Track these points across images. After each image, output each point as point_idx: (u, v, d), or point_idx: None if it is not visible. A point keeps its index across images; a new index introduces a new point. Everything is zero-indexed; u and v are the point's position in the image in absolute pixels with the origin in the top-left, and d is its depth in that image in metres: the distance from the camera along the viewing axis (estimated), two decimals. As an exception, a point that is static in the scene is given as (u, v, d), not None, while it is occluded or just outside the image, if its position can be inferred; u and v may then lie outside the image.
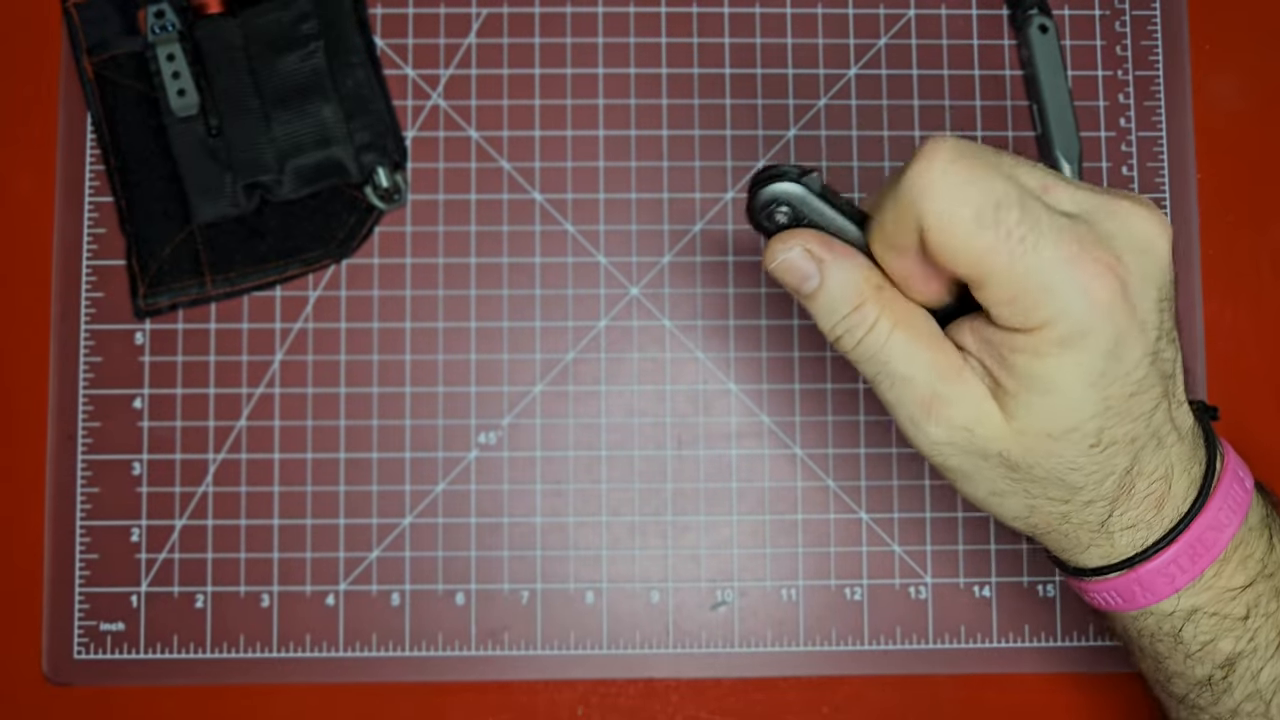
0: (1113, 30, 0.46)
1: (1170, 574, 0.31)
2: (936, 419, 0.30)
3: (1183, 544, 0.31)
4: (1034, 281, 0.27)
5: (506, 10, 0.45)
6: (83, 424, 0.43)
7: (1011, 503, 0.31)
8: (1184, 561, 0.31)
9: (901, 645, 0.43)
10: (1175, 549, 0.31)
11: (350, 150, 0.43)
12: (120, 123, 0.44)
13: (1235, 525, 0.31)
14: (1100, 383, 0.28)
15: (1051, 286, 0.27)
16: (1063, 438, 0.29)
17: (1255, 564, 0.31)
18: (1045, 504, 0.31)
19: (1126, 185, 0.45)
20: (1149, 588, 0.31)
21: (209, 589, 0.43)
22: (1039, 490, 0.30)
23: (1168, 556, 0.31)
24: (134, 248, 0.44)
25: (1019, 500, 0.31)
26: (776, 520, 0.43)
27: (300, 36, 0.43)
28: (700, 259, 0.44)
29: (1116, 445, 0.30)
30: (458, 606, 0.43)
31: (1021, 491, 0.31)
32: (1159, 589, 0.31)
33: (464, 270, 0.44)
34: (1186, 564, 0.31)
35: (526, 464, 0.44)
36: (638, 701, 0.43)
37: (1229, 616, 0.31)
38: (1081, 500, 0.30)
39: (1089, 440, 0.29)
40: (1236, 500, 0.31)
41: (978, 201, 0.27)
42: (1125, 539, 0.31)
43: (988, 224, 0.27)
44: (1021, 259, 0.27)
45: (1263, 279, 0.45)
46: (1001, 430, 0.30)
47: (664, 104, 0.45)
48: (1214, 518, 0.31)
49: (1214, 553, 0.31)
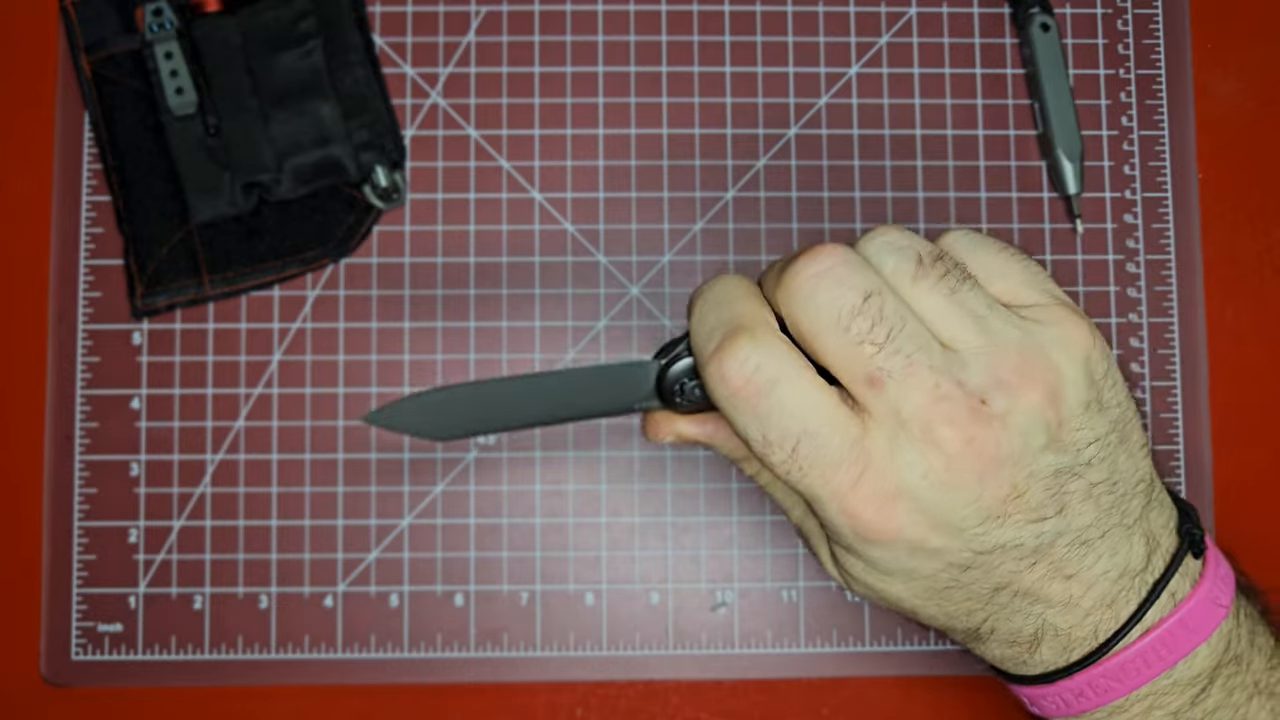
0: (1115, 29, 0.46)
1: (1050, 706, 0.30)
2: (816, 554, 0.32)
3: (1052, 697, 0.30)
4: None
5: (506, 8, 0.45)
6: (80, 424, 0.43)
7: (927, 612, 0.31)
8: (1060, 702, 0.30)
9: (902, 647, 0.43)
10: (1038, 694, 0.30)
11: (349, 149, 0.43)
12: (118, 121, 0.44)
13: (1124, 690, 0.29)
14: (891, 579, 0.28)
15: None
16: (881, 602, 0.30)
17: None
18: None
19: (1128, 184, 0.45)
20: (1036, 702, 0.31)
21: (207, 590, 0.43)
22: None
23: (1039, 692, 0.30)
24: (131, 247, 0.43)
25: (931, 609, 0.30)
26: (777, 521, 0.43)
27: (298, 35, 0.43)
28: (700, 258, 0.44)
29: (946, 612, 0.29)
30: (457, 607, 0.43)
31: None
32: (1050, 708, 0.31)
33: (463, 270, 0.44)
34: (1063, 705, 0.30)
35: (526, 464, 0.43)
36: (637, 703, 0.43)
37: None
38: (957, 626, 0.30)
39: (906, 609, 0.30)
40: (1145, 663, 0.28)
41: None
42: (1004, 656, 0.30)
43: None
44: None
45: (1264, 278, 0.45)
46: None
47: (664, 102, 0.45)
48: (1101, 682, 0.29)
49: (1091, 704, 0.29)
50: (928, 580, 0.28)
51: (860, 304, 0.26)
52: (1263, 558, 0.34)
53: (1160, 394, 0.44)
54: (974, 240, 0.29)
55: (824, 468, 0.26)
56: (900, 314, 0.26)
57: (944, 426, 0.26)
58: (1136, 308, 0.44)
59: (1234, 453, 0.44)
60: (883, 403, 0.26)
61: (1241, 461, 0.44)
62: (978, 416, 0.26)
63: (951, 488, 0.26)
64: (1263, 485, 0.44)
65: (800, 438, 0.26)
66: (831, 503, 0.27)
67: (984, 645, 0.30)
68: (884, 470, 0.26)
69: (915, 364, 0.26)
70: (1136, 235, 0.45)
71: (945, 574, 0.28)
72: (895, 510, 0.26)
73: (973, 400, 0.26)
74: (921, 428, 0.26)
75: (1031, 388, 0.26)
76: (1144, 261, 0.45)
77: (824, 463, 0.26)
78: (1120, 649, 0.28)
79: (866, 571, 0.29)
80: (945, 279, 0.27)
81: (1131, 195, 0.45)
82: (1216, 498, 0.44)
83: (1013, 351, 0.26)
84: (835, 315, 0.26)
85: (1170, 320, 0.44)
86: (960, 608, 0.29)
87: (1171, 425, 0.44)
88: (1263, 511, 0.44)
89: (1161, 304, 0.44)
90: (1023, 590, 0.28)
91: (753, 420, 0.27)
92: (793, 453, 0.26)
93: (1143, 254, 0.45)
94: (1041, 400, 0.26)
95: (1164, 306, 0.44)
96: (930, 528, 0.27)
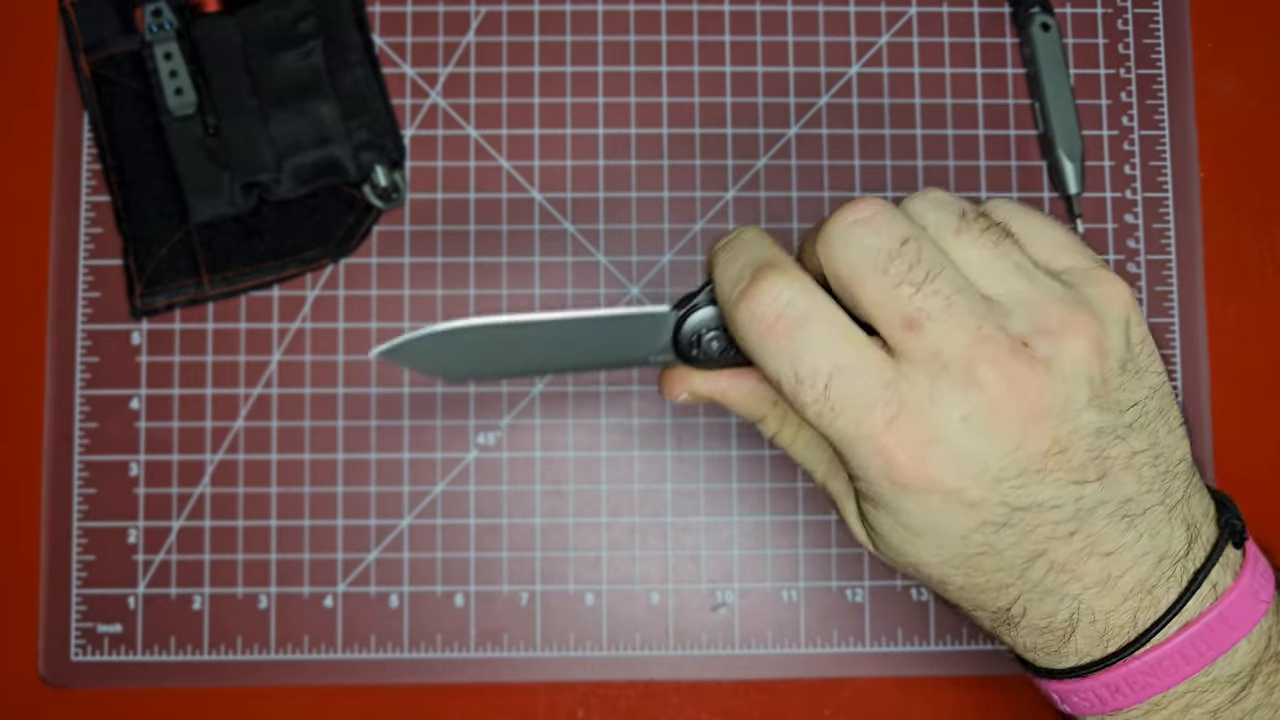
0: (1115, 28, 0.45)
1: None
2: (842, 515, 0.31)
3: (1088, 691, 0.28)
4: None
5: (505, 8, 0.45)
6: (79, 425, 0.43)
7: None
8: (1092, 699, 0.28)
9: (903, 647, 0.43)
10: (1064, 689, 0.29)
11: (348, 149, 0.43)
12: (117, 122, 0.44)
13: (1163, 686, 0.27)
14: (921, 539, 0.27)
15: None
16: (909, 568, 0.28)
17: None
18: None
19: (1129, 184, 0.45)
20: (1067, 699, 0.29)
21: (207, 590, 0.43)
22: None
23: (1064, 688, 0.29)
24: (131, 247, 0.43)
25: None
26: (777, 521, 0.43)
27: (298, 35, 0.43)
28: (700, 258, 0.44)
29: (975, 584, 0.28)
30: (457, 608, 0.43)
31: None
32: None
33: (463, 270, 0.44)
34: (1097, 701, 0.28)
35: (526, 465, 0.43)
36: (637, 703, 0.43)
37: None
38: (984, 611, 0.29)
39: (934, 577, 0.28)
40: (1172, 668, 0.27)
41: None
42: (1029, 641, 0.29)
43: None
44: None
45: (1266, 277, 0.45)
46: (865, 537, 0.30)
47: (664, 102, 0.45)
48: (1134, 677, 0.27)
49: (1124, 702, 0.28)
50: (959, 543, 0.27)
51: (898, 248, 0.26)
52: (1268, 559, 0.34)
53: (1161, 394, 0.44)
54: (1014, 206, 0.29)
55: (858, 407, 0.26)
56: (939, 259, 0.26)
57: (986, 366, 0.25)
58: (1137, 307, 0.44)
59: (1235, 452, 0.44)
60: (922, 345, 0.26)
61: (1242, 461, 0.44)
62: (1020, 357, 0.25)
63: (992, 433, 0.25)
64: (1264, 485, 0.44)
65: (833, 374, 0.26)
66: (864, 444, 0.26)
67: (1014, 631, 0.29)
68: (921, 413, 0.25)
69: (955, 305, 0.25)
70: (1137, 235, 0.45)
71: (978, 535, 0.26)
72: (932, 455, 0.25)
73: (1015, 342, 0.25)
74: (963, 368, 0.25)
75: (1076, 336, 0.26)
76: (1145, 261, 0.45)
77: (858, 401, 0.26)
78: (1159, 641, 0.27)
79: (895, 529, 0.27)
80: (988, 232, 0.27)
81: (1132, 195, 0.45)
82: (1217, 498, 0.44)
83: (1057, 302, 0.26)
84: (873, 258, 0.26)
85: (1171, 320, 0.44)
86: (992, 580, 0.27)
87: (1172, 425, 0.44)
88: (1263, 511, 0.44)
89: (1162, 304, 0.44)
90: (1058, 563, 0.27)
91: (785, 358, 0.26)
92: (825, 390, 0.26)
93: (1143, 254, 0.45)
94: (1087, 350, 0.26)
95: (1165, 306, 0.44)
96: (968, 476, 0.26)
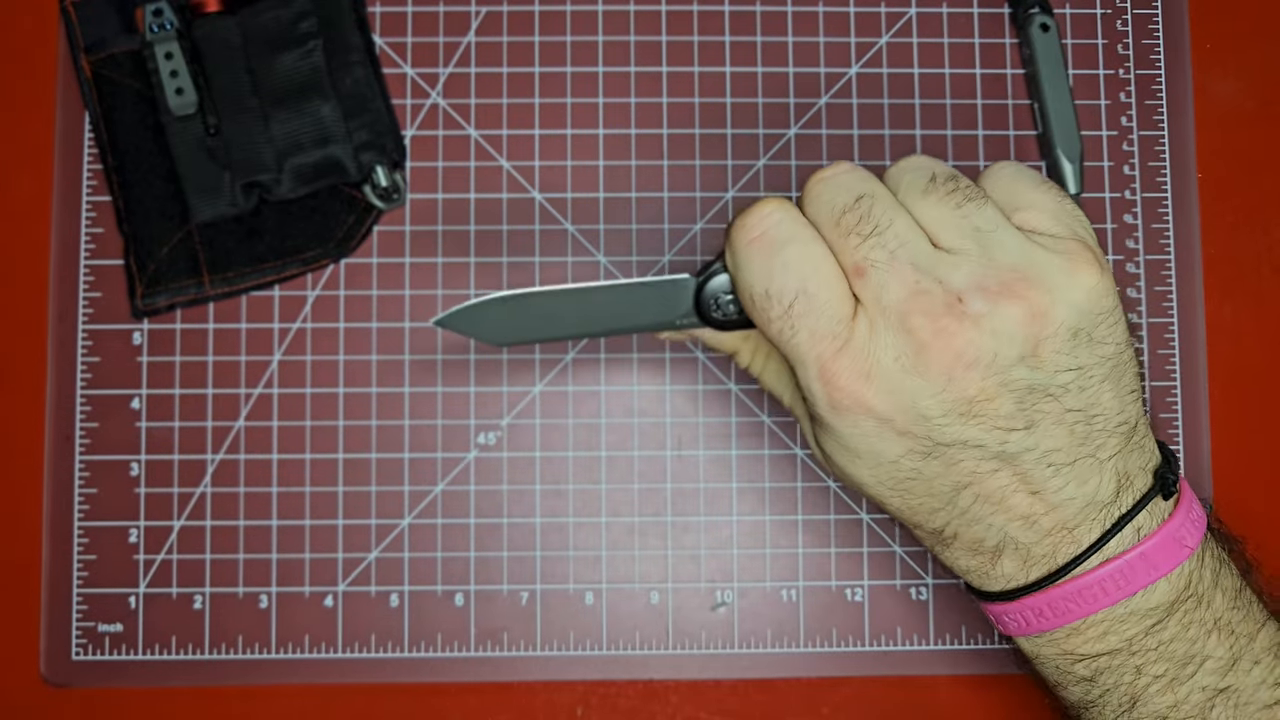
0: (1114, 29, 0.46)
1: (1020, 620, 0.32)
2: (805, 434, 0.34)
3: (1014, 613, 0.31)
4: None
5: (506, 8, 0.45)
6: (80, 424, 0.43)
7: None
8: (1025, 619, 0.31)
9: (902, 646, 0.43)
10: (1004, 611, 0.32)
11: (349, 149, 0.43)
12: (118, 122, 0.44)
13: (1097, 607, 0.30)
14: (859, 460, 0.30)
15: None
16: (854, 487, 0.31)
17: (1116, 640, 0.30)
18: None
19: (1128, 184, 0.45)
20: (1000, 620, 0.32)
21: (207, 590, 0.43)
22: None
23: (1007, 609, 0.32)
24: (132, 247, 0.43)
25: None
26: (777, 521, 0.43)
27: (299, 35, 0.43)
28: (700, 258, 0.44)
29: (910, 506, 0.31)
30: (457, 607, 0.43)
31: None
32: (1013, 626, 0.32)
33: (463, 270, 0.44)
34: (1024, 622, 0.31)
35: (526, 464, 0.43)
36: (637, 702, 0.43)
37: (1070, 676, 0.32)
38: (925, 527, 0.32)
39: (874, 496, 0.31)
40: (1102, 592, 0.30)
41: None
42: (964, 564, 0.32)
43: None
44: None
45: (1264, 277, 0.45)
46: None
47: (664, 102, 0.45)
48: (1060, 602, 0.30)
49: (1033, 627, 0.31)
50: (891, 467, 0.29)
51: (852, 203, 0.29)
52: (1262, 556, 0.34)
53: (1160, 394, 0.44)
54: (1017, 170, 0.31)
55: (813, 330, 0.29)
56: (890, 216, 0.29)
57: (918, 316, 0.28)
58: (1136, 308, 0.44)
59: (1233, 452, 0.44)
60: (867, 290, 0.28)
61: (1241, 461, 0.44)
62: (951, 311, 0.28)
63: (920, 374, 0.28)
64: (1262, 484, 0.44)
65: (798, 295, 0.29)
66: (813, 366, 0.29)
67: (949, 552, 0.31)
68: (863, 349, 0.28)
69: (898, 259, 0.28)
70: (1136, 235, 0.45)
71: (907, 461, 0.29)
72: (868, 386, 0.28)
73: (950, 298, 0.28)
74: (898, 316, 0.28)
75: (1012, 300, 0.28)
76: (1143, 261, 0.45)
77: (814, 325, 0.29)
78: (1079, 574, 0.30)
79: (838, 450, 0.30)
80: (953, 195, 0.29)
81: (1131, 195, 0.45)
82: (1216, 497, 0.44)
83: (1004, 266, 0.28)
84: (829, 211, 0.29)
85: (1170, 320, 0.44)
86: (923, 504, 0.30)
87: (1171, 425, 0.44)
88: (1262, 510, 0.44)
89: (1161, 304, 0.44)
90: (984, 495, 0.29)
91: (760, 273, 0.29)
92: (788, 309, 0.29)
93: (1142, 254, 0.45)
94: (1021, 314, 0.28)
95: (1163, 306, 0.44)
96: (896, 408, 0.28)
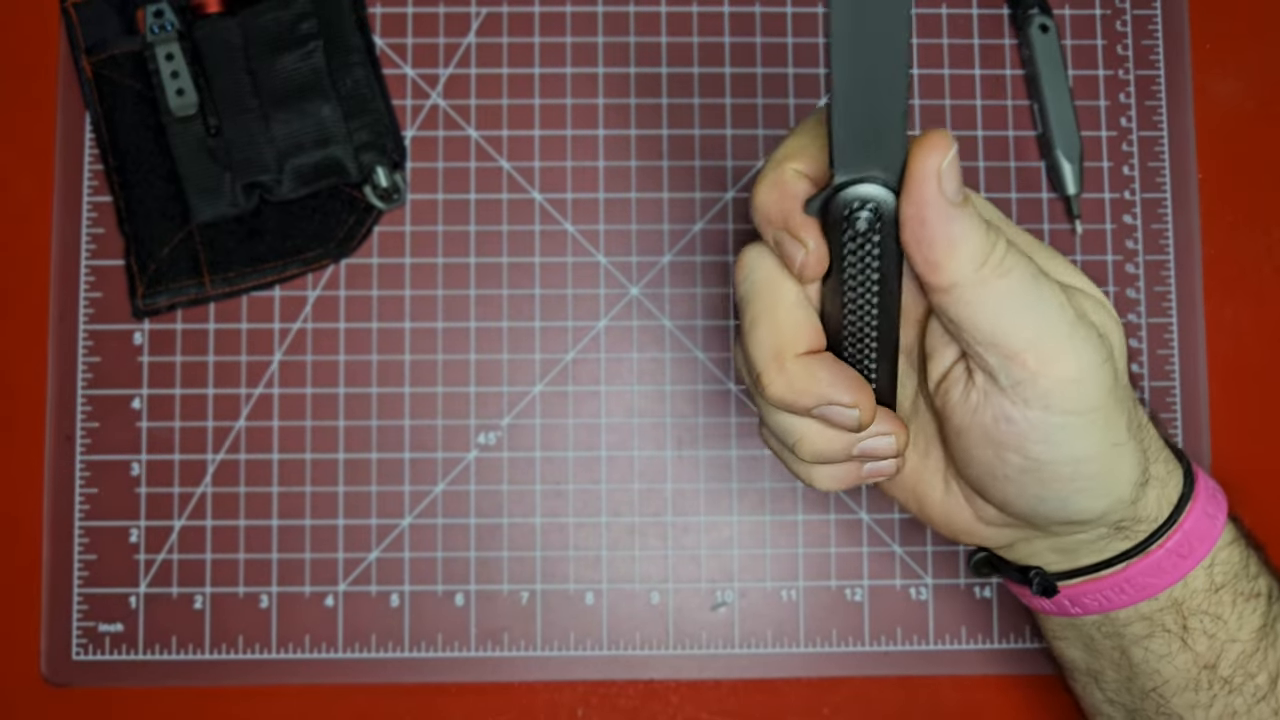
0: (1114, 29, 0.46)
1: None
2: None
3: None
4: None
5: (506, 9, 0.45)
6: (81, 424, 0.43)
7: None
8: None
9: (902, 646, 0.43)
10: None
11: (349, 150, 0.43)
12: (119, 122, 0.44)
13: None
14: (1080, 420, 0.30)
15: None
16: (1070, 465, 0.31)
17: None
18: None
19: (1128, 185, 0.45)
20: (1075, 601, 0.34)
21: (208, 590, 0.43)
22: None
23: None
24: (132, 248, 0.43)
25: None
26: (777, 521, 0.43)
27: (299, 36, 0.43)
28: (700, 259, 0.44)
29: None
30: (457, 607, 0.43)
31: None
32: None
33: (463, 270, 0.44)
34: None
35: (526, 464, 0.44)
36: (637, 702, 0.43)
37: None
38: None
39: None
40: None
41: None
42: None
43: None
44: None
45: (1264, 278, 0.45)
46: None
47: (664, 103, 0.45)
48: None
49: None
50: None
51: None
52: (1262, 556, 0.34)
53: (1159, 394, 0.44)
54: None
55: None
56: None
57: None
58: (1136, 308, 0.44)
59: (1233, 452, 0.44)
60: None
61: (1240, 459, 0.44)
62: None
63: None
64: (1262, 484, 0.44)
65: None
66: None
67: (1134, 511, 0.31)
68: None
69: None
70: (1136, 236, 0.45)
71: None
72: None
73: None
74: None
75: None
76: (1143, 262, 0.45)
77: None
78: (1154, 548, 0.31)
79: (1049, 422, 0.28)
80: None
81: (1131, 196, 0.45)
82: (1216, 498, 0.44)
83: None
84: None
85: (1169, 320, 0.44)
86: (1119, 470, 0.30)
87: (1171, 425, 0.44)
88: (1262, 510, 0.44)
89: (1161, 304, 0.44)
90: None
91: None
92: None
93: (1142, 254, 0.45)
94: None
95: (1163, 307, 0.44)
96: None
